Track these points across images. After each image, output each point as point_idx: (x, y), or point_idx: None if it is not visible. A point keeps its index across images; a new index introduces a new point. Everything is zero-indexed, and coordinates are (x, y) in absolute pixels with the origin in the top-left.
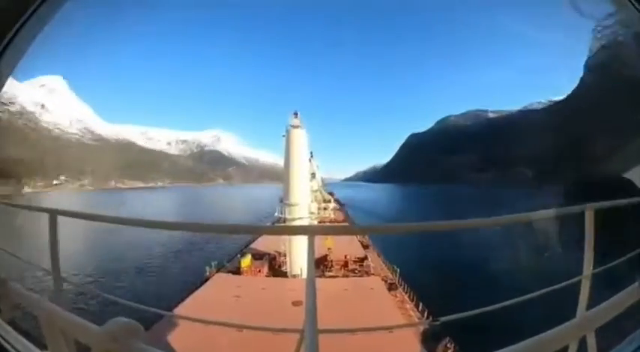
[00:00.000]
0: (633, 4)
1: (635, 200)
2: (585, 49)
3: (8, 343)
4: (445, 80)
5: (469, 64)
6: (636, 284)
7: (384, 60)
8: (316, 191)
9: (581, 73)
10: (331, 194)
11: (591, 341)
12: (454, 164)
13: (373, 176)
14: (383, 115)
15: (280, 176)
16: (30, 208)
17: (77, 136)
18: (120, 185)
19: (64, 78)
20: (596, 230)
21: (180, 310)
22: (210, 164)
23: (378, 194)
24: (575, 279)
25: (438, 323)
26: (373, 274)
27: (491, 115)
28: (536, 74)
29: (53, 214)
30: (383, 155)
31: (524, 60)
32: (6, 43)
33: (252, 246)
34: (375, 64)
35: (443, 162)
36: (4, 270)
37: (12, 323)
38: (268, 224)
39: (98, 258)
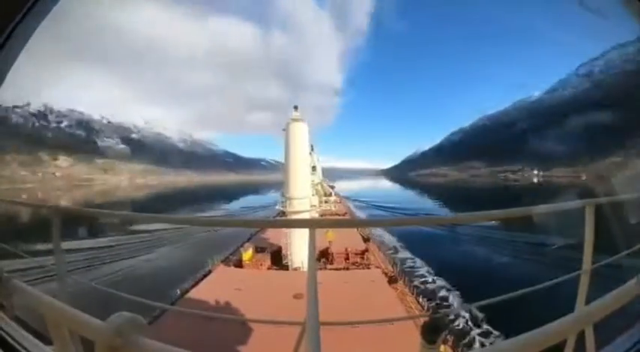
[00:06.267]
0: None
1: (634, 196)
2: None
3: (14, 340)
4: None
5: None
6: (635, 279)
7: None
8: (317, 184)
9: None
10: (332, 187)
11: (589, 336)
12: None
13: None
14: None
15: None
16: (31, 206)
17: None
18: None
19: None
20: (596, 225)
21: (182, 303)
22: None
23: None
24: (574, 274)
25: (438, 315)
26: (374, 267)
27: None
28: None
29: (55, 211)
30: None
31: None
32: (1, 42)
33: (255, 238)
34: None
35: None
36: (8, 267)
37: (17, 320)
38: (270, 217)
39: None
